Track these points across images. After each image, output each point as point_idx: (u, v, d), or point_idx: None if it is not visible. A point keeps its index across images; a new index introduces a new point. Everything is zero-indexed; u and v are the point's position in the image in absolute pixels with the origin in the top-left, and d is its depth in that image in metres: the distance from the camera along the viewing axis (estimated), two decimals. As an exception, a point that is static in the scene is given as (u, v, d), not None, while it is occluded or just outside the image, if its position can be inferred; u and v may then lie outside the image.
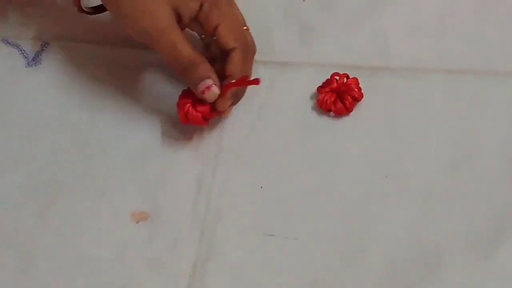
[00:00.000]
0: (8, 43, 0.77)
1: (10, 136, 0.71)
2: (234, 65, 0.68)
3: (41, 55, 0.76)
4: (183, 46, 0.66)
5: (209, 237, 0.66)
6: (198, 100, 0.68)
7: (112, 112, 0.72)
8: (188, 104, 0.68)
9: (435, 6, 0.76)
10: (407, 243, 0.65)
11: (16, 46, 0.77)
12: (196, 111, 0.68)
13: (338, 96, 0.71)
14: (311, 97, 0.72)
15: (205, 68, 0.67)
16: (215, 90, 0.67)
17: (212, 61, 0.69)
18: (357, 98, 0.71)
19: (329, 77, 0.72)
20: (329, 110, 0.71)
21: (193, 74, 0.67)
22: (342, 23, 0.76)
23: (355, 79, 0.71)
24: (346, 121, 0.71)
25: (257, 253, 0.65)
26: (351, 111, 0.71)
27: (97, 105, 0.72)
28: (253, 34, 0.70)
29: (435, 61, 0.73)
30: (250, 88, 0.72)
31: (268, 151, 0.70)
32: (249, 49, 0.70)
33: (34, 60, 0.76)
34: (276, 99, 0.72)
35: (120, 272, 0.65)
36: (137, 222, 0.67)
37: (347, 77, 0.72)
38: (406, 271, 0.63)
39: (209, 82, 0.66)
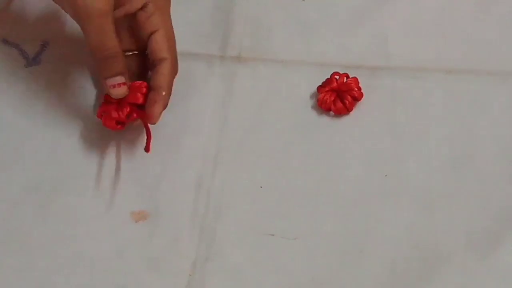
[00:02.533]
0: (8, 43, 0.77)
1: (9, 136, 0.71)
2: (164, 76, 0.67)
3: (41, 55, 0.76)
4: (111, 36, 0.65)
5: (208, 236, 0.66)
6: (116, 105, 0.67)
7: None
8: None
9: (435, 6, 0.76)
10: (407, 243, 0.65)
11: (16, 46, 0.77)
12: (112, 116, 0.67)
13: (338, 96, 0.71)
14: (311, 97, 0.72)
15: (123, 65, 0.66)
16: (124, 90, 0.66)
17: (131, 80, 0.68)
18: (357, 98, 0.71)
19: (329, 77, 0.72)
20: (329, 110, 0.71)
21: (111, 67, 0.65)
22: (342, 23, 0.76)
23: (355, 79, 0.72)
24: (346, 120, 0.71)
25: (257, 252, 0.65)
26: (351, 110, 0.71)
27: (97, 105, 0.72)
28: (253, 34, 0.70)
29: (435, 61, 0.73)
30: (250, 88, 0.72)
31: (268, 150, 0.70)
32: (176, 65, 0.68)
33: (34, 60, 0.76)
34: (276, 99, 0.72)
35: (119, 272, 0.64)
36: (136, 222, 0.67)
37: (347, 76, 0.72)
38: (406, 271, 0.63)
39: (122, 79, 0.65)
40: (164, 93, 0.66)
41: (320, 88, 0.72)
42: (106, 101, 0.68)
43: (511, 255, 0.63)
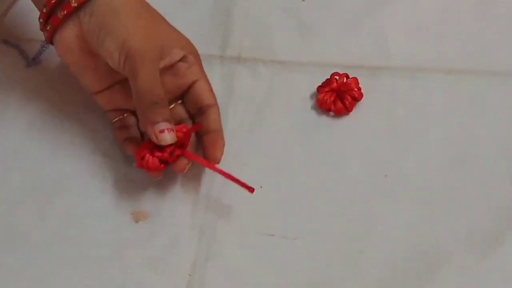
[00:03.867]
0: (8, 43, 0.77)
1: (9, 136, 0.72)
2: (217, 120, 0.68)
3: (41, 55, 0.76)
4: (159, 81, 0.65)
5: (208, 236, 0.66)
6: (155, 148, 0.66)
7: (112, 112, 0.72)
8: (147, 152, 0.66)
9: (435, 6, 0.77)
10: (407, 243, 0.65)
11: (16, 46, 0.77)
12: (154, 156, 0.66)
13: (338, 96, 0.71)
14: (311, 97, 0.72)
15: (169, 111, 0.65)
16: (173, 135, 0.65)
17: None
18: (357, 98, 0.71)
19: (329, 77, 0.72)
20: (329, 110, 0.71)
21: (159, 112, 0.64)
22: (342, 23, 0.76)
23: (355, 79, 0.72)
24: (345, 121, 0.71)
25: (257, 253, 0.65)
26: (351, 111, 0.71)
27: (97, 104, 0.72)
28: (253, 34, 0.70)
29: (435, 61, 0.73)
30: (250, 88, 0.72)
31: (268, 151, 0.70)
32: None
33: (34, 60, 0.76)
34: (276, 99, 0.72)
35: (119, 272, 0.64)
36: (136, 222, 0.67)
37: (347, 77, 0.72)
38: (406, 271, 0.63)
39: (170, 125, 0.65)
40: (222, 135, 0.68)
41: (320, 88, 0.72)
42: (141, 147, 0.67)
43: (511, 255, 0.63)
